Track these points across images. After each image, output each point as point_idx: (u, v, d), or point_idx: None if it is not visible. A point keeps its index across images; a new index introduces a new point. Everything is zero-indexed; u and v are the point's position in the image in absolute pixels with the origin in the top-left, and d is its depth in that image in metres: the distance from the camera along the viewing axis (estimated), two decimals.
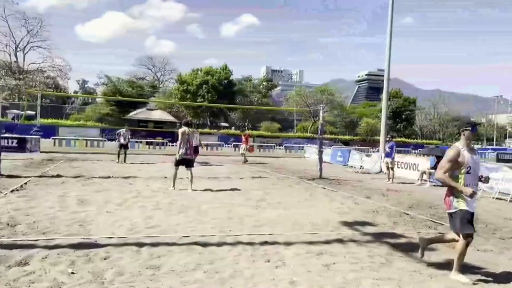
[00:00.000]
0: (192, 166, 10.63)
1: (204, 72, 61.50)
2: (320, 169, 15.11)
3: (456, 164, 4.41)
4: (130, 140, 20.68)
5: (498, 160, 33.07)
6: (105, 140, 32.50)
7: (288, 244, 5.62)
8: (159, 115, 53.17)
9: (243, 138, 21.63)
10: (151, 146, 31.65)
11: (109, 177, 12.45)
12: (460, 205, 4.40)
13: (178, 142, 10.37)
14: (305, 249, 5.39)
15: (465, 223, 4.38)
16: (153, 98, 64.81)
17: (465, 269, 4.81)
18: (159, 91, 70.67)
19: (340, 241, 5.92)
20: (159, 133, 42.01)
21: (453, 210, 4.46)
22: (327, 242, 5.82)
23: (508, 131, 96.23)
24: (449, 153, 4.45)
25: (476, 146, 59.64)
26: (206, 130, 46.26)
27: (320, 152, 15.78)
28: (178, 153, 10.31)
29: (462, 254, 4.45)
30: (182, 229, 6.22)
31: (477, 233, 6.80)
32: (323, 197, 10.29)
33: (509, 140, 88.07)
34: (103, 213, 7.15)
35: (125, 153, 18.06)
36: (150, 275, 4.22)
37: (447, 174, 4.44)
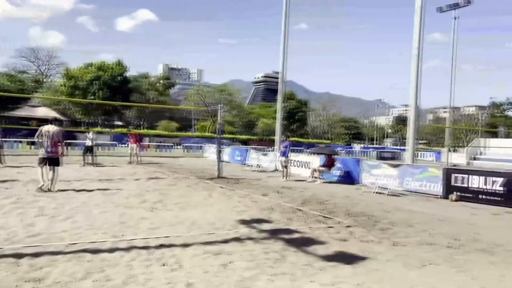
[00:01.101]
0: (57, 165, 10.06)
1: (96, 67, 57.76)
2: (219, 169, 15.19)
3: None
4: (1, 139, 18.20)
5: (378, 158, 36.59)
6: None
7: (185, 245, 5.52)
8: (44, 112, 48.62)
9: (132, 138, 20.65)
10: (33, 146, 28.80)
11: None
12: None
13: (38, 140, 9.98)
14: (202, 250, 5.34)
15: None
16: (36, 93, 58.98)
17: (350, 258, 5.21)
18: (43, 86, 64.55)
19: (237, 239, 5.99)
20: None
21: None
22: (224, 241, 5.84)
23: (386, 132, 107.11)
24: None
25: (359, 146, 65.29)
26: (98, 129, 43.50)
27: (219, 152, 15.87)
28: (41, 151, 9.92)
29: None
30: (70, 236, 5.73)
31: (361, 225, 7.43)
32: (221, 196, 10.34)
33: (388, 140, 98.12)
34: None
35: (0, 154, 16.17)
36: None
37: None
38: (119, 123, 61.12)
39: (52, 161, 9.96)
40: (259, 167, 19.95)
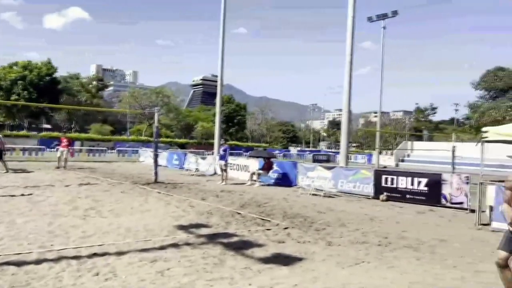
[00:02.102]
0: None
1: (21, 66, 54.00)
2: (156, 173, 14.82)
3: None
4: None
5: (314, 160, 37.74)
6: None
7: (119, 253, 5.31)
8: None
9: (63, 141, 19.51)
10: None
11: None
12: None
13: None
14: (138, 258, 5.17)
15: None
16: None
17: (287, 260, 5.32)
18: None
19: (175, 245, 5.87)
20: None
21: None
22: (161, 247, 5.71)
23: (321, 135, 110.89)
24: None
25: (296, 149, 66.93)
26: (23, 132, 40.62)
27: (156, 156, 15.49)
28: None
29: None
30: None
31: (297, 226, 7.61)
32: (158, 201, 10.09)
33: (322, 143, 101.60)
34: None
35: None
36: None
37: None
38: (47, 126, 57.59)
39: None
40: (198, 171, 19.75)
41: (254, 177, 15.29)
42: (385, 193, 12.11)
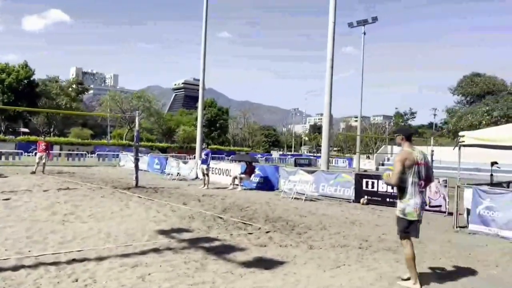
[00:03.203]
0: None
1: None
2: (136, 178, 14.67)
3: None
4: None
5: (296, 164, 37.95)
6: None
7: (99, 259, 5.25)
8: None
9: (41, 146, 19.10)
10: None
11: None
12: None
13: None
14: (118, 263, 5.12)
15: None
16: None
17: (269, 263, 5.34)
18: None
19: (156, 250, 5.83)
20: None
21: None
22: (142, 252, 5.66)
23: (303, 139, 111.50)
24: None
25: (278, 153, 67.10)
26: (0, 136, 39.68)
27: (136, 160, 15.33)
28: None
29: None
30: None
31: (279, 230, 7.65)
32: (139, 206, 9.99)
33: (304, 147, 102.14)
34: None
35: None
36: None
37: None
38: (25, 130, 56.38)
39: None
40: (179, 175, 19.62)
41: (236, 181, 15.28)
42: (365, 197, 12.27)
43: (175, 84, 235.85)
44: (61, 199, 10.52)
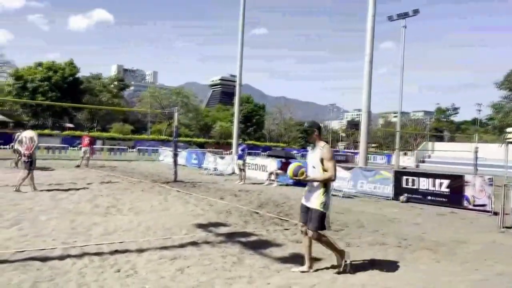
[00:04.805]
0: (30, 167, 10.58)
1: (46, 67, 55.32)
2: (175, 172, 14.97)
3: None
4: None
5: None
6: None
7: (140, 251, 5.41)
8: None
9: (85, 140, 19.81)
10: None
11: None
12: None
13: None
14: (158, 255, 5.25)
15: None
16: None
17: (299, 259, 5.31)
18: None
19: (194, 244, 5.94)
20: None
21: None
22: (180, 246, 5.78)
23: (340, 135, 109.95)
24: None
25: None
26: (47, 131, 41.59)
27: (175, 155, 15.65)
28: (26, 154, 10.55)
29: None
30: (16, 244, 5.44)
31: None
32: (177, 200, 10.20)
33: (341, 143, 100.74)
34: None
35: None
36: None
37: None
38: (70, 125, 58.76)
39: (27, 164, 10.55)
40: (216, 170, 19.86)
41: (272, 177, 15.29)
42: (405, 195, 11.96)
43: (212, 81, 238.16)
44: (103, 192, 10.91)
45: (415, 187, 11.90)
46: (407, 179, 12.17)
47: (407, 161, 39.59)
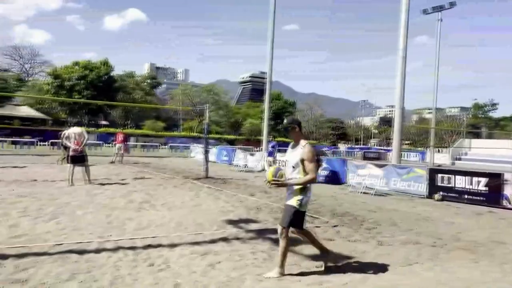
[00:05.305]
0: (83, 161, 11.57)
1: (82, 66, 57.17)
2: (206, 169, 15.14)
3: None
4: None
5: (364, 158, 36.88)
6: None
7: (172, 246, 5.50)
8: (26, 111, 47.97)
9: (119, 137, 20.30)
10: (17, 146, 28.35)
11: None
12: None
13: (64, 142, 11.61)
14: (189, 250, 5.33)
15: None
16: (19, 92, 57.96)
17: (338, 258, 5.25)
18: (27, 85, 63.43)
19: (224, 239, 5.99)
20: (27, 131, 37.77)
21: None
22: (211, 241, 5.84)
23: (372, 132, 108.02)
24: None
25: (345, 146, 65.71)
26: (85, 128, 43.00)
27: (206, 152, 15.82)
28: (70, 151, 11.39)
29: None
30: (54, 237, 5.66)
31: (347, 224, 7.51)
32: (208, 196, 10.32)
33: (373, 140, 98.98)
34: None
35: None
36: None
37: None
38: (105, 122, 60.46)
39: (78, 159, 11.43)
40: (246, 167, 19.95)
41: None
42: (440, 193, 11.63)
43: (242, 78, 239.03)
44: (137, 188, 11.18)
45: (450, 185, 11.55)
46: (442, 177, 11.82)
47: (442, 158, 38.42)
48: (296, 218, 4.52)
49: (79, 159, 11.45)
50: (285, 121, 4.84)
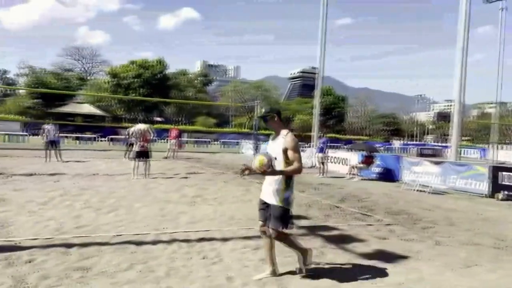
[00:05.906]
0: (148, 157, 12.32)
1: (138, 65, 59.57)
2: None
3: None
4: (59, 135, 18.80)
5: (419, 154, 35.52)
6: (27, 135, 30.36)
7: (224, 240, 5.61)
8: (88, 109, 50.69)
9: (173, 133, 20.88)
10: (79, 141, 30.07)
11: (32, 174, 11.64)
12: None
13: (136, 138, 12.32)
14: (241, 244, 5.41)
15: None
16: (81, 91, 61.46)
17: (390, 257, 5.12)
18: (87, 83, 67.06)
19: None
20: (88, 127, 39.97)
21: None
22: None
23: (427, 128, 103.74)
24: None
25: (398, 142, 63.54)
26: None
27: (256, 147, 15.94)
28: (135, 147, 12.29)
29: None
30: (114, 228, 5.97)
31: (401, 223, 7.28)
32: (259, 192, 10.34)
33: (428, 136, 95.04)
34: (25, 213, 6.66)
35: (57, 150, 16.52)
36: (78, 277, 4.00)
37: None
38: (159, 119, 62.63)
39: (143, 154, 12.18)
40: None
41: (354, 171, 14.92)
42: (503, 192, 10.96)
43: (291, 74, 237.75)
44: (189, 182, 11.50)
45: None
46: (506, 175, 11.13)
47: (505, 155, 36.16)
48: (286, 217, 4.27)
49: (144, 154, 12.18)
50: (262, 109, 4.57)
